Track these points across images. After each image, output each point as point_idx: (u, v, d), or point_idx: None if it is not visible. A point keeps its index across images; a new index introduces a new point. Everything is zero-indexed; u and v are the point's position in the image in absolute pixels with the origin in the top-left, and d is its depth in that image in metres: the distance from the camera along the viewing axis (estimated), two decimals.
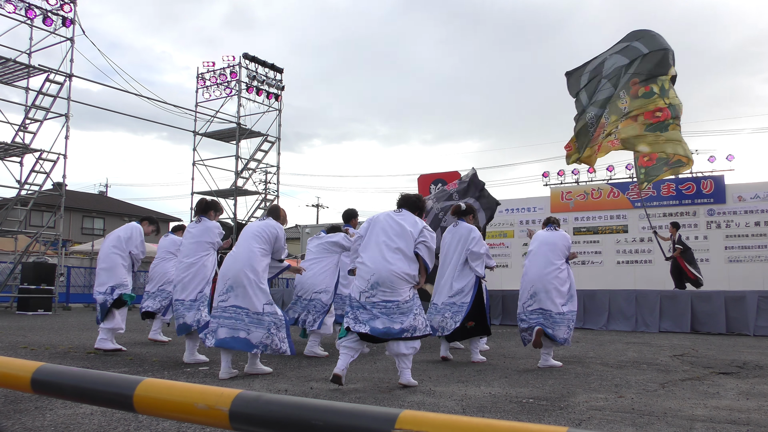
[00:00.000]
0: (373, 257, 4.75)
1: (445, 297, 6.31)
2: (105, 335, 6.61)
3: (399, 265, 4.68)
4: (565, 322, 5.93)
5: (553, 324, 5.90)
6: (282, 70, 21.82)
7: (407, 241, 4.77)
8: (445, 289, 6.33)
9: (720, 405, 4.06)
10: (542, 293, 6.00)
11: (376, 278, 4.65)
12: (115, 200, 42.04)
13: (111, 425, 3.34)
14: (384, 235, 4.81)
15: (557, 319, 5.91)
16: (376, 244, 4.80)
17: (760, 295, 9.81)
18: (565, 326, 5.93)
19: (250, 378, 5.08)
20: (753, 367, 5.98)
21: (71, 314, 14.69)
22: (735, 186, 15.21)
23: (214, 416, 1.46)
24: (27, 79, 15.84)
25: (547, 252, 6.14)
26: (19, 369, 1.84)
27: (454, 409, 3.88)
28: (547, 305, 5.96)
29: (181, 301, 5.93)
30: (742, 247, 14.81)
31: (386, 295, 4.63)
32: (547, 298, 5.97)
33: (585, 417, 3.67)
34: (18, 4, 14.65)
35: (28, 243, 16.22)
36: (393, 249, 4.73)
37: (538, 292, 6.02)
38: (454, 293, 6.25)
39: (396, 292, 4.64)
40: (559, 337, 5.89)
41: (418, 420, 1.22)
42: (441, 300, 6.33)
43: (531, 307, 6.05)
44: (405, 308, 4.66)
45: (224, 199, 21.63)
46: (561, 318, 5.92)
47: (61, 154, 15.48)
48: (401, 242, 4.76)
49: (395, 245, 4.74)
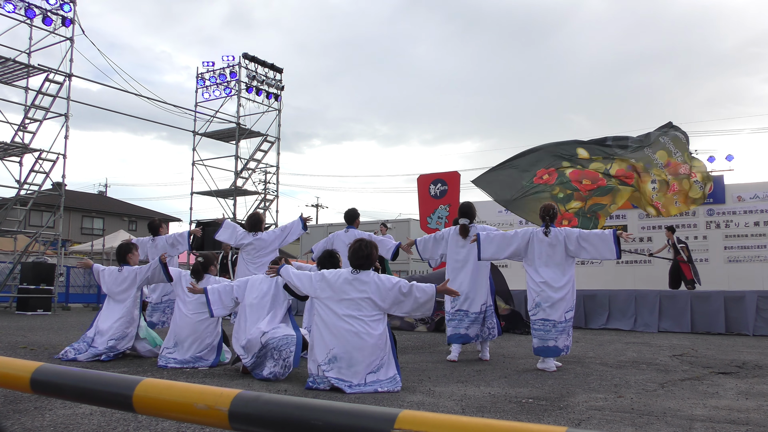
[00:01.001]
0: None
1: (478, 306, 6.42)
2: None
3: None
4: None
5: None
6: (282, 70, 21.83)
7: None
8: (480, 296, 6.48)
9: (719, 405, 4.06)
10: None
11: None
12: (115, 200, 42.06)
13: (110, 425, 3.34)
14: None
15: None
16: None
17: (759, 295, 9.81)
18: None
19: (249, 378, 5.08)
20: (752, 366, 5.98)
21: (70, 314, 14.68)
22: (734, 186, 15.22)
23: (214, 416, 1.46)
24: (26, 79, 15.83)
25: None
26: (19, 369, 1.84)
27: (454, 409, 3.88)
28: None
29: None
30: (742, 247, 14.82)
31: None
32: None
33: (584, 417, 3.67)
34: (18, 3, 14.64)
35: (28, 243, 16.21)
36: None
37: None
38: (486, 299, 6.49)
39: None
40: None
41: (418, 420, 1.22)
42: (474, 309, 6.41)
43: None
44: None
45: (224, 199, 21.63)
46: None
47: (60, 154, 15.47)
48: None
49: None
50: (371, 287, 4.57)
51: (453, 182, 17.88)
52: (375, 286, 4.58)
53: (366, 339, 4.45)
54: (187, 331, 5.78)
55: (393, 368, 4.59)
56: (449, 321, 6.50)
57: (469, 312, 6.39)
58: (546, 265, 5.86)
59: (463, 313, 6.40)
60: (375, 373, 4.44)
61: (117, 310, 6.26)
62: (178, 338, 5.81)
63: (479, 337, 6.41)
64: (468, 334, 6.36)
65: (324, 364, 4.45)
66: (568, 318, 5.81)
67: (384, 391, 4.41)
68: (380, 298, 4.56)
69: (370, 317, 4.54)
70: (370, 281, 4.59)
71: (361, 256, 4.68)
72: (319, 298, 4.67)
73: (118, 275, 6.42)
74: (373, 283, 4.58)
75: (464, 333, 6.36)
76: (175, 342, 5.81)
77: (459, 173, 18.14)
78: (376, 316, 4.57)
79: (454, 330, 6.42)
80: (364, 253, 4.69)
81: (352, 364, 4.42)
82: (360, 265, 4.66)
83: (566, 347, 5.81)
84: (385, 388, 4.43)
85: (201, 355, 5.77)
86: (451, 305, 6.50)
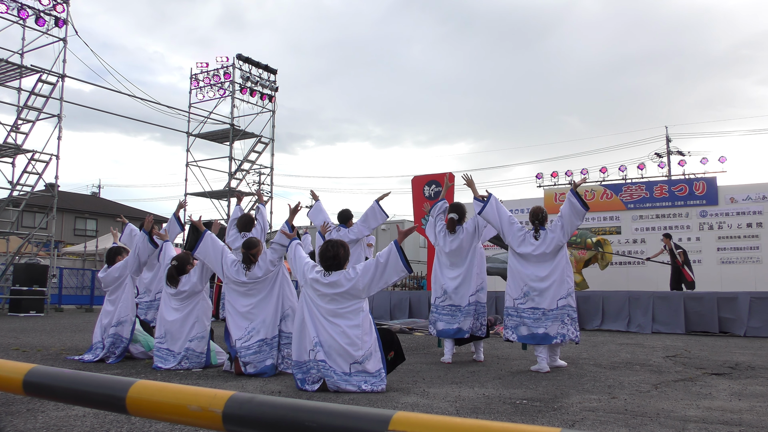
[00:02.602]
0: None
1: (467, 299, 6.40)
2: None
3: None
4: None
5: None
6: (275, 71, 21.81)
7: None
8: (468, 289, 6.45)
9: (712, 406, 4.07)
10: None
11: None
12: (108, 201, 41.86)
13: (103, 427, 3.32)
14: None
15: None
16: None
17: (752, 296, 9.86)
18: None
19: (244, 380, 5.07)
20: (745, 367, 6.01)
21: (63, 316, 14.61)
22: (727, 188, 15.31)
23: (207, 418, 1.45)
24: (19, 80, 15.76)
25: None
26: (11, 371, 1.83)
27: (448, 410, 3.89)
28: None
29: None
30: (735, 249, 14.90)
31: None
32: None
33: (578, 418, 3.68)
34: (10, 4, 14.59)
35: (20, 244, 16.14)
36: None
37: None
38: (475, 291, 6.44)
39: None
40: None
41: (412, 421, 1.22)
42: (464, 302, 6.41)
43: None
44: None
45: (218, 200, 21.59)
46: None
47: (53, 155, 15.42)
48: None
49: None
50: (343, 283, 4.68)
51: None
52: (345, 281, 4.69)
53: (348, 330, 4.57)
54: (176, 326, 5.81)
55: (379, 361, 4.62)
56: (440, 316, 6.45)
57: (461, 306, 6.38)
58: (537, 263, 5.94)
59: (455, 307, 6.40)
60: (360, 363, 4.51)
61: (113, 301, 6.41)
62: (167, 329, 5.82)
63: (472, 330, 6.37)
64: (462, 327, 6.31)
65: (312, 348, 4.59)
66: (561, 305, 5.82)
67: (368, 391, 4.43)
68: (354, 288, 4.67)
69: (348, 308, 4.66)
70: (340, 279, 4.70)
71: (328, 257, 4.79)
72: (306, 290, 4.81)
73: (110, 272, 6.44)
74: (344, 279, 4.69)
75: (458, 327, 6.32)
76: (164, 332, 5.82)
77: (453, 174, 18.20)
78: (354, 305, 4.68)
79: (447, 325, 6.39)
80: (330, 254, 4.79)
81: (336, 354, 4.53)
82: (329, 266, 4.77)
83: (560, 335, 5.76)
84: (369, 387, 4.46)
85: (191, 346, 5.76)
86: (441, 299, 6.50)
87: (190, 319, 5.81)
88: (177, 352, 5.72)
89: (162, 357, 5.73)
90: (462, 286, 6.42)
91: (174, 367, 5.65)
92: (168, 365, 5.67)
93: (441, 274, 6.54)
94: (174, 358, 5.71)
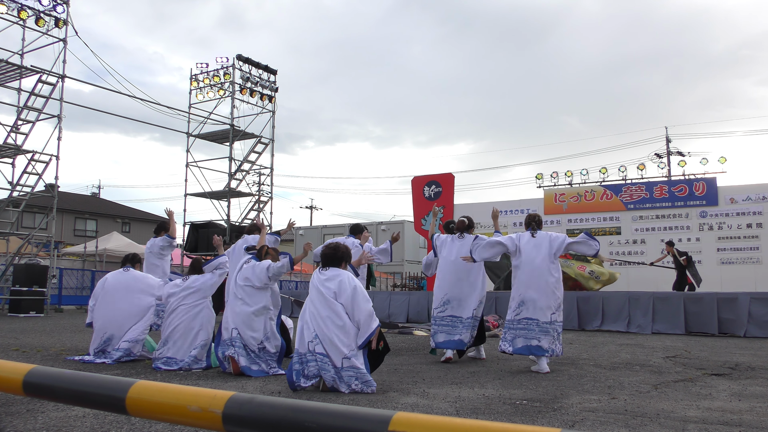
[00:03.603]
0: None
1: (470, 311, 6.41)
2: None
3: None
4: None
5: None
6: (275, 72, 21.79)
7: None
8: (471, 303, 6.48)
9: (712, 406, 4.07)
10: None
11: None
12: (108, 202, 41.85)
13: (103, 428, 3.32)
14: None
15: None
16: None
17: (752, 297, 9.86)
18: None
19: (244, 380, 5.07)
20: (745, 368, 6.00)
21: (63, 316, 14.61)
22: (727, 188, 15.31)
23: (207, 419, 1.45)
24: (19, 80, 15.73)
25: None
26: (11, 371, 1.83)
27: (448, 410, 3.88)
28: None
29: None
30: (734, 249, 14.90)
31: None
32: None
33: (578, 418, 3.68)
34: (10, 4, 14.58)
35: (20, 245, 16.13)
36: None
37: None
38: (478, 304, 6.49)
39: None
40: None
41: (412, 422, 1.22)
42: (467, 314, 6.41)
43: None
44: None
45: (218, 200, 21.58)
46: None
47: (53, 156, 15.40)
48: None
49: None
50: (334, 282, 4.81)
51: (447, 184, 17.93)
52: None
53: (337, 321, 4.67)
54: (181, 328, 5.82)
55: (361, 359, 4.62)
56: (440, 327, 6.43)
57: (462, 318, 6.36)
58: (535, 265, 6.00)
59: (456, 318, 6.38)
60: (349, 359, 4.53)
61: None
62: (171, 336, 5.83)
63: (470, 341, 6.38)
64: (462, 339, 6.33)
65: (311, 341, 4.65)
66: (552, 319, 5.84)
67: (358, 390, 4.44)
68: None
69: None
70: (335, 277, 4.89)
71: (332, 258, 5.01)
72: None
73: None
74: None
75: (459, 339, 6.33)
76: (167, 339, 5.83)
77: (453, 175, 18.22)
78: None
79: (448, 336, 6.37)
80: (337, 255, 5.01)
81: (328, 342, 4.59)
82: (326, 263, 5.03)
83: (551, 350, 5.79)
84: (359, 387, 4.47)
85: (195, 354, 5.75)
86: (440, 309, 6.47)
87: (195, 326, 5.83)
88: (180, 359, 5.72)
89: (164, 363, 5.74)
90: (469, 297, 6.43)
91: (175, 369, 5.65)
92: (170, 368, 5.68)
93: (446, 283, 6.52)
94: (176, 364, 5.71)
